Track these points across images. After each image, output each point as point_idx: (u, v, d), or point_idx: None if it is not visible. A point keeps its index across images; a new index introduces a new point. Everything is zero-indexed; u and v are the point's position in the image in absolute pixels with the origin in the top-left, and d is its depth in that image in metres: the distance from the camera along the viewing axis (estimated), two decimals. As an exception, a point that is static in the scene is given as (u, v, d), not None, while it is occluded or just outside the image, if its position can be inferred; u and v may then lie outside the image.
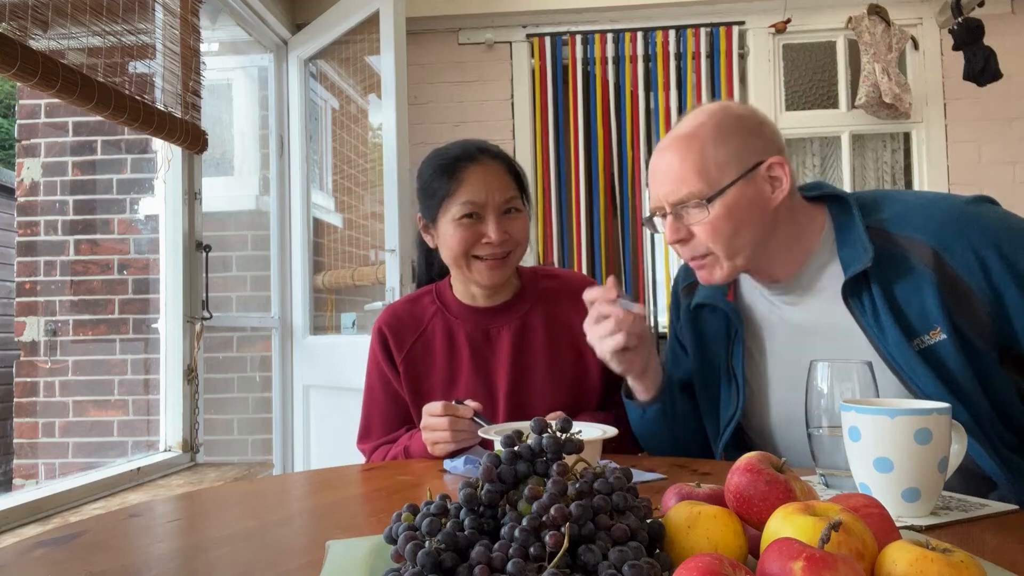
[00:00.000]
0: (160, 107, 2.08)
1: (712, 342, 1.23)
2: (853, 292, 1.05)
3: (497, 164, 1.30)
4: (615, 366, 1.14)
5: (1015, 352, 1.03)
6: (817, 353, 0.98)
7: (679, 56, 3.34)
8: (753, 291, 1.20)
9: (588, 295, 1.13)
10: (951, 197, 1.10)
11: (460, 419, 1.14)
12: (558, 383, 1.32)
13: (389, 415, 1.36)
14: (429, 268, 1.48)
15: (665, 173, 1.09)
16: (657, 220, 1.13)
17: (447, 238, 1.28)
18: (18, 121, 3.48)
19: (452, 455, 1.16)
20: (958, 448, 0.80)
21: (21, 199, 3.45)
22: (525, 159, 3.37)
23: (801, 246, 1.11)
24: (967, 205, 1.05)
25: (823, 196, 1.15)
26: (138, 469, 2.04)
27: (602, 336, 1.11)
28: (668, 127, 3.33)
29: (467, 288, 1.36)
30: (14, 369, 3.44)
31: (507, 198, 1.28)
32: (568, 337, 1.35)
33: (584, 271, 3.33)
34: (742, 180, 1.05)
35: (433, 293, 1.40)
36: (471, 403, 1.16)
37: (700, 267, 1.12)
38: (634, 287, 3.36)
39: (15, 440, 3.36)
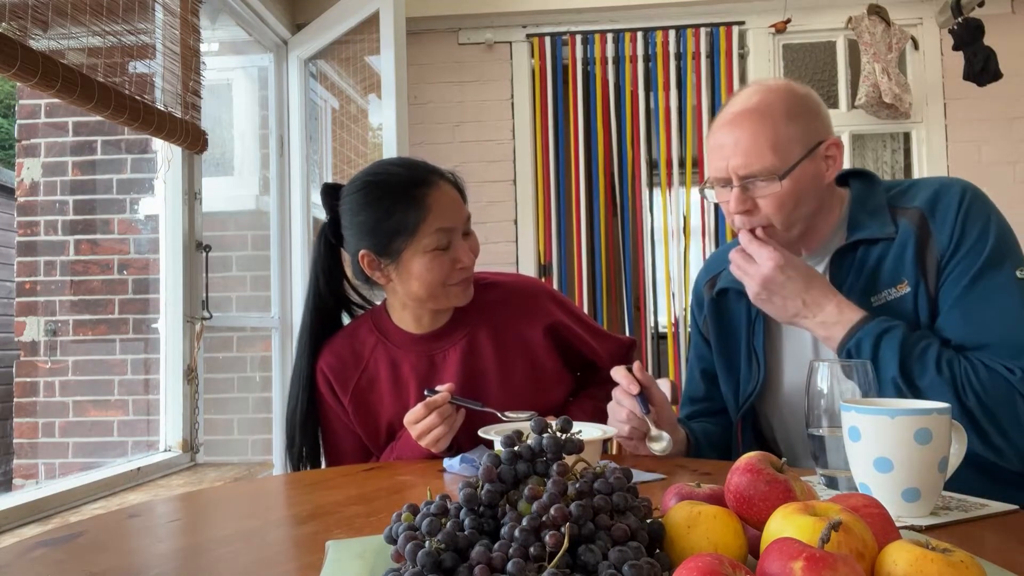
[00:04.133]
0: (160, 107, 2.08)
1: (735, 325, 1.28)
2: (840, 253, 1.14)
3: (447, 183, 1.24)
4: (626, 445, 1.18)
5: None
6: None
7: (679, 56, 3.34)
8: None
9: (615, 374, 1.15)
10: (957, 179, 1.17)
11: (443, 407, 1.14)
12: (513, 396, 1.27)
13: (354, 452, 1.34)
14: (323, 313, 1.34)
15: (736, 146, 1.11)
16: (709, 191, 1.18)
17: (420, 271, 1.19)
18: (18, 121, 3.48)
19: (450, 454, 1.16)
20: (958, 448, 0.80)
21: (21, 199, 3.45)
22: (525, 159, 3.37)
23: (828, 221, 1.18)
24: (968, 185, 1.12)
25: (846, 174, 1.22)
26: (138, 469, 2.04)
27: (615, 421, 1.15)
28: (668, 127, 3.33)
29: (413, 313, 1.29)
30: (14, 369, 3.44)
31: (467, 217, 1.25)
32: (519, 347, 1.30)
33: (584, 271, 3.34)
34: (807, 158, 1.10)
35: (370, 322, 1.33)
36: (441, 388, 1.16)
37: None
38: (634, 287, 3.36)
39: (15, 440, 3.36)
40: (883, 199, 1.14)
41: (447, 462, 1.11)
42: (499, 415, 1.19)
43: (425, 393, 1.18)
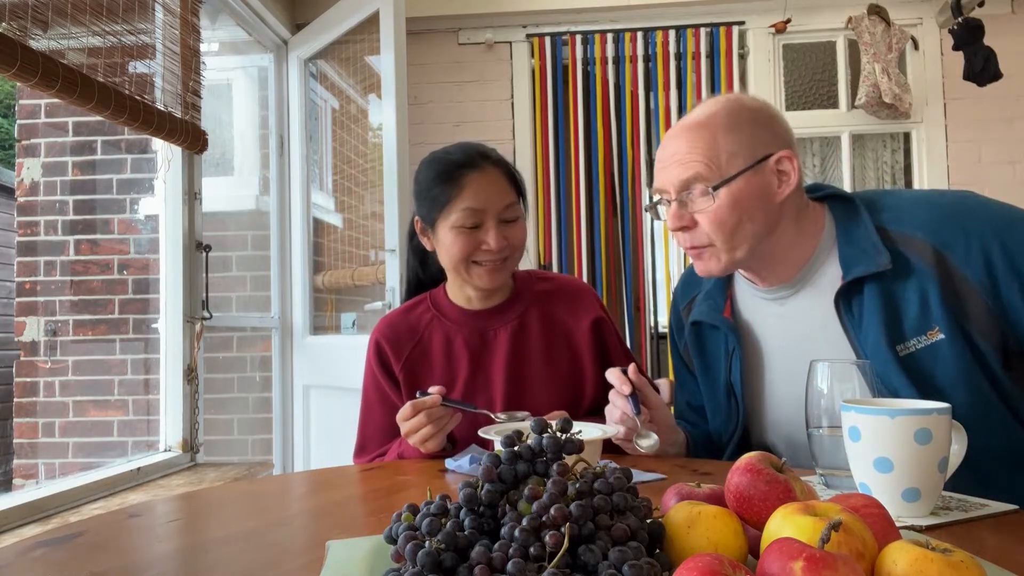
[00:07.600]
0: (160, 107, 2.08)
1: (713, 359, 1.22)
2: (846, 293, 1.04)
3: (497, 171, 1.30)
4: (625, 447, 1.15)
5: (1014, 349, 1.00)
6: (803, 354, 0.97)
7: (679, 56, 3.34)
8: (750, 300, 1.19)
9: (609, 375, 1.13)
10: (946, 193, 1.08)
11: (432, 409, 1.15)
12: (555, 383, 1.32)
13: (385, 429, 1.35)
14: (424, 268, 1.47)
15: (672, 158, 1.07)
16: (661, 208, 1.11)
17: (447, 244, 1.27)
18: (18, 121, 3.48)
19: (455, 454, 1.16)
20: (958, 448, 0.80)
21: (21, 199, 3.45)
22: (525, 159, 3.37)
23: (804, 245, 1.09)
24: (963, 199, 1.04)
25: (825, 196, 1.13)
26: (138, 469, 2.04)
27: (611, 422, 1.12)
28: (668, 127, 3.32)
29: (463, 291, 1.36)
30: (14, 369, 3.44)
31: (506, 205, 1.28)
32: (564, 337, 1.36)
33: (584, 271, 3.34)
34: (750, 171, 1.04)
35: (428, 301, 1.40)
36: (433, 389, 1.16)
37: (698, 257, 1.10)
38: (634, 287, 3.36)
39: (15, 440, 3.36)
40: (869, 222, 1.04)
41: (451, 462, 1.10)
42: (492, 416, 1.19)
43: (417, 394, 1.18)
